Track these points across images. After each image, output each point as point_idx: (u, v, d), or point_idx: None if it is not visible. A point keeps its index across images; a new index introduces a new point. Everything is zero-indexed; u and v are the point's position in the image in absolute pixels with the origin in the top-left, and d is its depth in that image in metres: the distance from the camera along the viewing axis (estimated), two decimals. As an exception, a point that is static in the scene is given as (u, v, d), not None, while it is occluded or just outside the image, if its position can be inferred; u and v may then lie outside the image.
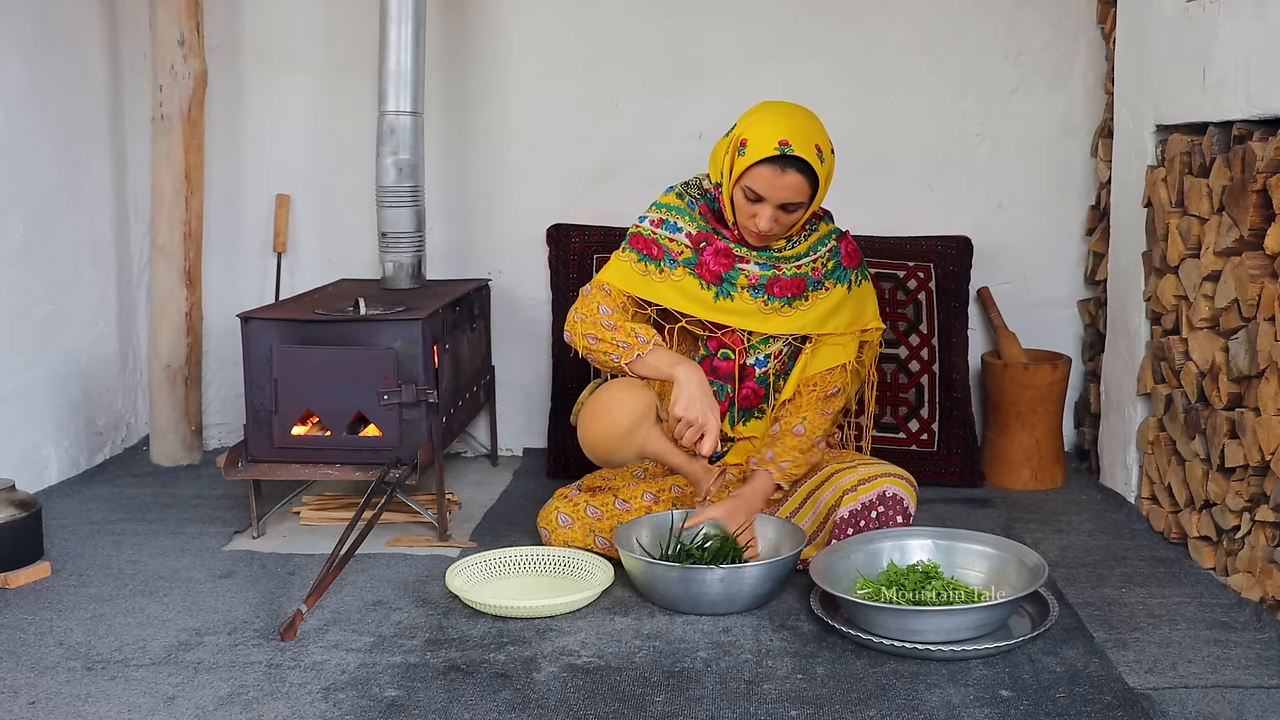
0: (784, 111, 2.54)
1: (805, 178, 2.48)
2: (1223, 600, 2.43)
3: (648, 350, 2.54)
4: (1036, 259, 3.57)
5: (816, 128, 2.52)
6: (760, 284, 2.63)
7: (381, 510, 2.67)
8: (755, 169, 2.48)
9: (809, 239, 2.68)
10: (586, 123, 3.59)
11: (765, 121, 2.50)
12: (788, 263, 2.65)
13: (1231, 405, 2.47)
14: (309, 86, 3.64)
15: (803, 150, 2.46)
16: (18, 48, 3.14)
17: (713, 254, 2.63)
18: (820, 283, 2.66)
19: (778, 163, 2.46)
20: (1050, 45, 3.49)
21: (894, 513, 2.56)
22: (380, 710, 1.99)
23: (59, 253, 3.32)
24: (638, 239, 2.66)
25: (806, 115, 2.55)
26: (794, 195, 2.50)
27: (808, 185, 2.49)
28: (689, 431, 2.48)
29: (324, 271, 3.65)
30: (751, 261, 2.64)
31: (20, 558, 2.58)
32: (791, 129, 2.47)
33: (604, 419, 2.54)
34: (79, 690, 2.07)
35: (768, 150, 2.46)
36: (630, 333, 2.57)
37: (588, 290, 2.66)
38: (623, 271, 2.64)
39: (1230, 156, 2.47)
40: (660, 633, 2.30)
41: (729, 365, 2.67)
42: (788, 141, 2.45)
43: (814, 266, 2.66)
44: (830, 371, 2.66)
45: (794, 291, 2.64)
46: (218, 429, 3.76)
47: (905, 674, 2.10)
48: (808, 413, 2.63)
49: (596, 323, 2.60)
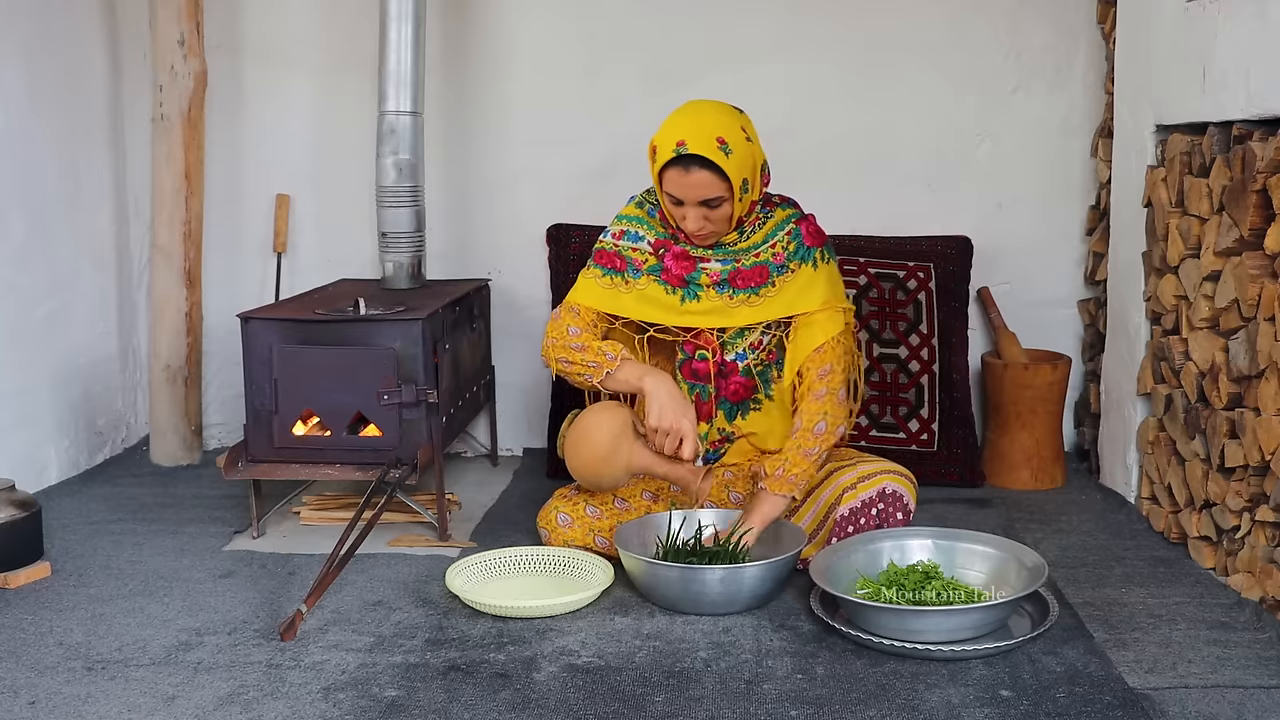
0: (688, 111, 2.55)
1: (711, 172, 2.48)
2: (1223, 600, 2.43)
3: (615, 366, 2.56)
4: (1036, 259, 3.57)
5: (719, 121, 2.50)
6: (723, 279, 2.64)
7: (381, 510, 2.67)
8: (665, 173, 2.51)
9: (764, 227, 2.67)
10: (586, 123, 3.59)
11: (667, 125, 2.52)
12: (745, 254, 2.65)
13: (1231, 405, 2.47)
14: (309, 86, 3.64)
15: (700, 147, 2.45)
16: (18, 48, 3.14)
17: (673, 259, 2.64)
18: (784, 267, 2.64)
19: (679, 163, 2.48)
20: (1050, 45, 3.49)
21: (894, 509, 2.56)
22: (380, 710, 1.99)
23: (59, 253, 3.32)
24: (601, 254, 2.68)
25: (711, 110, 2.53)
26: (706, 191, 2.50)
27: (717, 179, 2.49)
28: (667, 440, 2.50)
29: (324, 271, 3.65)
30: (712, 260, 2.64)
31: (20, 558, 2.58)
32: (688, 127, 2.48)
33: (584, 445, 2.56)
34: (79, 690, 2.07)
35: (668, 153, 2.48)
36: (599, 351, 2.58)
37: (557, 314, 2.67)
38: (589, 289, 2.66)
39: (1230, 156, 2.47)
40: (660, 633, 2.30)
41: (706, 365, 2.68)
42: (684, 141, 2.46)
43: (774, 252, 2.64)
44: (820, 350, 2.61)
45: (758, 280, 2.63)
46: (218, 429, 3.76)
47: (905, 674, 2.10)
48: (826, 405, 2.57)
49: (566, 345, 2.61)
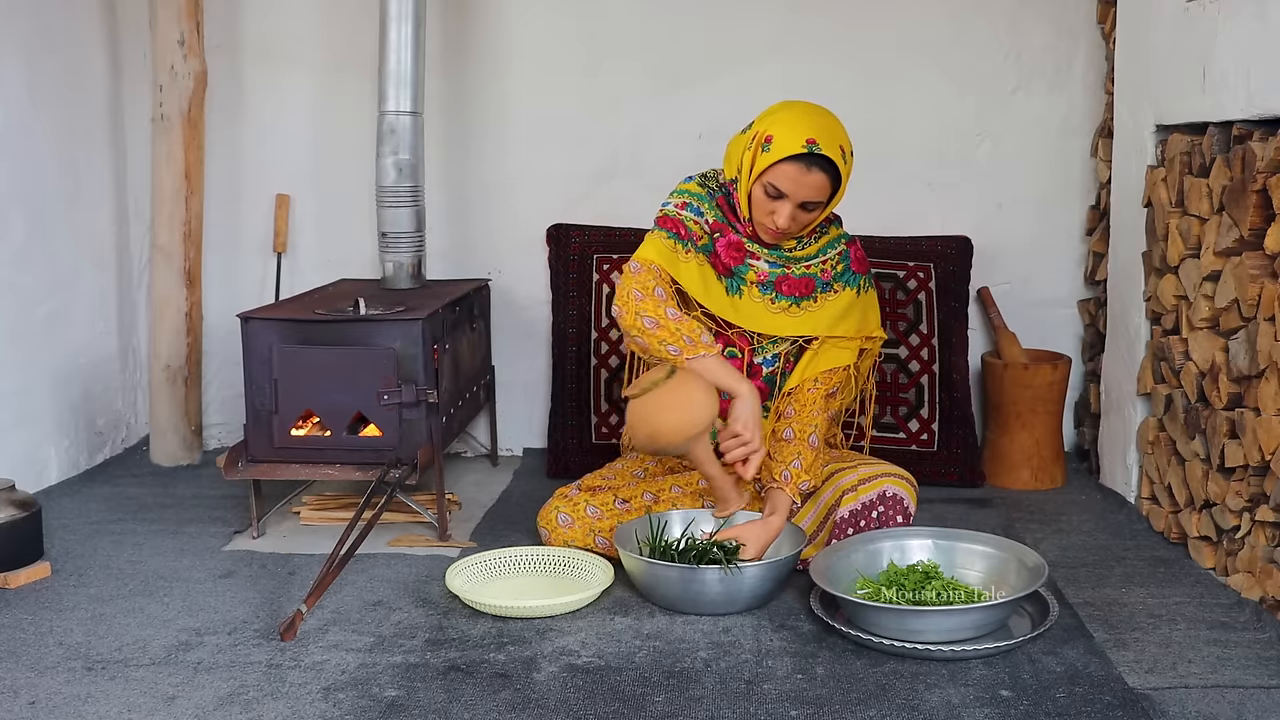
0: (811, 111, 2.55)
1: (829, 177, 2.50)
2: (1223, 600, 2.43)
3: (713, 352, 2.50)
4: (1036, 259, 3.57)
5: (841, 129, 2.54)
6: (769, 281, 2.64)
7: (381, 510, 2.67)
8: (780, 166, 2.48)
9: (819, 241, 2.69)
10: (586, 123, 3.59)
11: (792, 119, 2.51)
12: (797, 263, 2.66)
13: (1231, 405, 2.47)
14: (309, 86, 3.64)
15: (829, 149, 2.47)
16: (18, 48, 3.14)
17: (725, 245, 2.63)
18: (829, 285, 2.67)
19: (804, 160, 2.47)
20: (1050, 45, 3.49)
21: (894, 512, 2.57)
22: (380, 710, 1.99)
23: (59, 253, 3.32)
24: (665, 219, 2.62)
25: (832, 116, 2.56)
26: (816, 194, 2.51)
27: (830, 185, 2.51)
28: (740, 450, 2.46)
29: (324, 271, 3.65)
30: (761, 259, 2.64)
31: (20, 558, 2.58)
32: (818, 128, 2.49)
33: (685, 412, 2.43)
34: (79, 690, 2.07)
35: (795, 148, 2.46)
36: (696, 329, 2.51)
37: (637, 269, 2.56)
38: (658, 249, 2.57)
39: (1230, 156, 2.47)
40: (660, 633, 2.30)
41: (736, 364, 2.67)
42: (815, 140, 2.46)
43: (823, 268, 2.67)
44: (833, 371, 2.66)
45: (802, 291, 2.65)
46: (218, 429, 3.76)
47: (905, 674, 2.10)
48: (818, 420, 2.61)
49: (659, 307, 2.51)
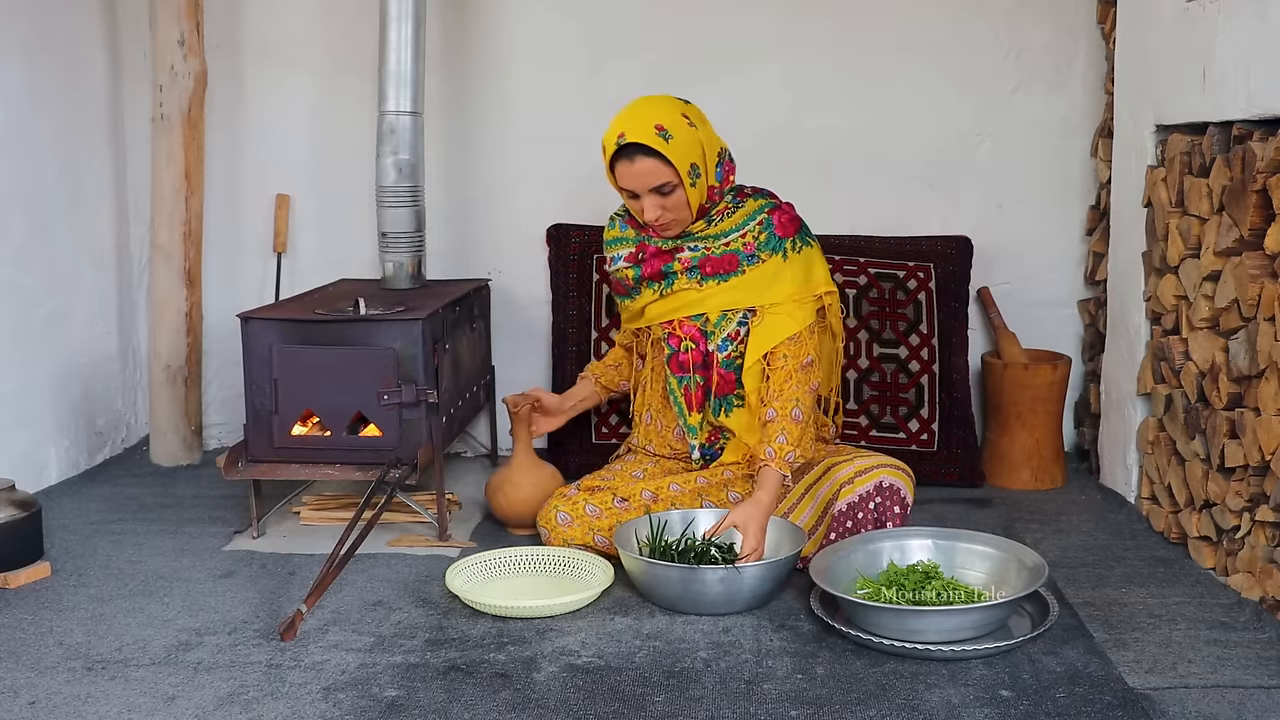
0: (628, 106, 2.64)
1: (655, 159, 2.55)
2: (1223, 600, 2.43)
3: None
4: (1036, 259, 3.57)
5: (657, 110, 2.59)
6: (693, 265, 2.72)
7: (381, 510, 2.67)
8: (615, 169, 2.61)
9: (732, 216, 2.73)
10: (587, 122, 3.56)
11: (611, 123, 2.61)
12: (714, 241, 2.72)
13: (1231, 405, 2.47)
14: (309, 86, 3.64)
15: (639, 135, 2.54)
16: (18, 48, 3.14)
17: (650, 258, 2.74)
18: (754, 256, 2.70)
19: (623, 155, 2.57)
20: (1050, 45, 3.49)
21: (891, 503, 2.57)
22: (380, 710, 1.99)
23: (59, 253, 3.32)
24: (614, 284, 2.87)
25: (650, 102, 2.63)
26: (653, 179, 2.58)
27: (661, 165, 2.56)
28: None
29: (324, 271, 3.64)
30: (685, 249, 2.72)
31: (20, 558, 2.58)
32: (626, 119, 2.58)
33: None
34: (79, 690, 2.07)
35: (611, 147, 2.58)
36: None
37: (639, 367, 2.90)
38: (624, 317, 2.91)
39: (1230, 156, 2.47)
40: (660, 633, 2.30)
41: (693, 355, 2.73)
42: (623, 133, 2.56)
43: (744, 241, 2.71)
44: (794, 340, 2.66)
45: (727, 268, 2.70)
46: (218, 429, 3.76)
47: (905, 674, 2.10)
48: (798, 393, 2.63)
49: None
